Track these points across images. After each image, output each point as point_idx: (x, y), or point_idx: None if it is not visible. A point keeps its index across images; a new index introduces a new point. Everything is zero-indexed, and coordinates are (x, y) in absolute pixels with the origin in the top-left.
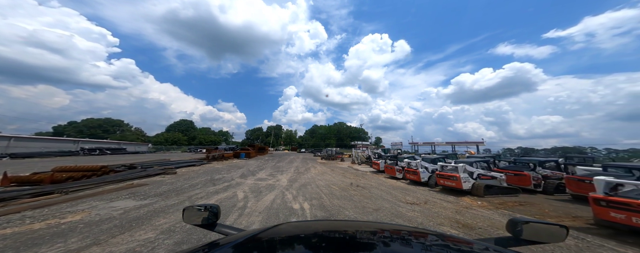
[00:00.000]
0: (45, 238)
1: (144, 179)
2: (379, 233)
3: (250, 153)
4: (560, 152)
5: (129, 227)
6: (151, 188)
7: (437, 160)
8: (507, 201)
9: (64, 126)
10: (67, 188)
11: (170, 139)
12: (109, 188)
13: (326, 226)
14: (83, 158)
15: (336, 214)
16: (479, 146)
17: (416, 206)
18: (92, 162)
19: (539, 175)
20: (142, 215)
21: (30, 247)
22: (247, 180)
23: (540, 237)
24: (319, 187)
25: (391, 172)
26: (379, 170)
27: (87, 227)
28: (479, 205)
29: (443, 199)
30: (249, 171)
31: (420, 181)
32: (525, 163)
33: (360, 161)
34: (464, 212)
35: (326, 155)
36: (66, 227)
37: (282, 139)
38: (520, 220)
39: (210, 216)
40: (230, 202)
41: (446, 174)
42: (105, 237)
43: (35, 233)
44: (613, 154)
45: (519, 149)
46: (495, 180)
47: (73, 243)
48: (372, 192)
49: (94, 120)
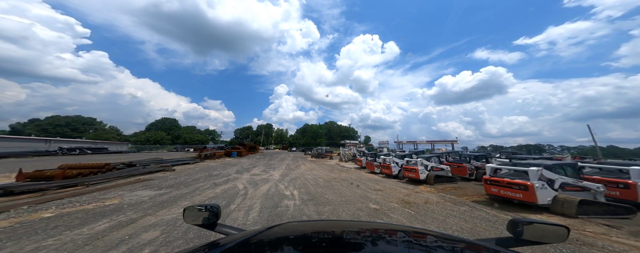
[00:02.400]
0: (106, 213)
1: (148, 175)
2: (379, 233)
3: (242, 152)
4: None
5: (163, 206)
6: (160, 182)
7: (404, 156)
8: (447, 187)
9: (24, 124)
10: (87, 181)
11: (152, 138)
12: (121, 182)
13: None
14: (63, 158)
15: (318, 197)
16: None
17: (380, 192)
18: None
19: (472, 167)
20: (167, 199)
21: (104, 216)
22: (243, 176)
23: (541, 237)
24: (306, 179)
25: (371, 167)
26: (362, 166)
27: (130, 207)
28: (427, 190)
29: (403, 187)
30: (243, 168)
31: (392, 174)
32: (465, 157)
33: (347, 159)
34: (412, 195)
35: (316, 153)
36: (113, 207)
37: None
38: (521, 220)
39: (211, 216)
40: (233, 191)
41: (409, 167)
42: (151, 211)
43: (94, 211)
44: (565, 151)
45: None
46: (443, 171)
47: (131, 214)
48: (350, 184)
49: (60, 118)
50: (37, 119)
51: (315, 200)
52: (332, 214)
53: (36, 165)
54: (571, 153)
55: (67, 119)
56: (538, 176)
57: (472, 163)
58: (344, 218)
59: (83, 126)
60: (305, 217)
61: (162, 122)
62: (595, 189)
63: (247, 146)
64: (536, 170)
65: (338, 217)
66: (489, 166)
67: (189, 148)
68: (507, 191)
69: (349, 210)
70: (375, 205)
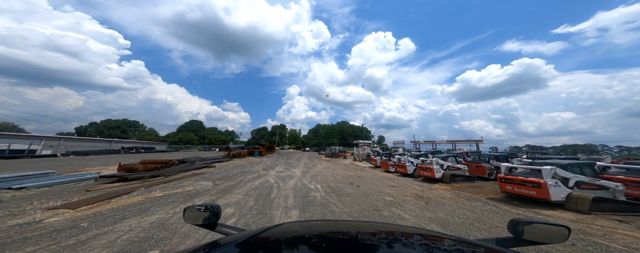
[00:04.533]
0: (193, 195)
1: (198, 170)
2: (379, 233)
3: (262, 151)
4: (570, 149)
5: (225, 192)
6: (210, 176)
7: (420, 156)
8: (464, 185)
9: (86, 127)
10: (164, 173)
11: (184, 139)
12: (183, 175)
13: (326, 226)
14: (126, 155)
15: (338, 190)
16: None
17: (395, 187)
18: (132, 159)
19: (492, 167)
20: (224, 188)
21: (194, 197)
22: (270, 172)
23: (542, 238)
24: (325, 176)
25: (386, 166)
26: (376, 165)
27: (204, 192)
28: (442, 188)
29: (418, 184)
30: (267, 166)
31: (407, 173)
32: (484, 157)
33: (361, 158)
34: (427, 191)
35: (330, 153)
36: (193, 192)
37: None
38: (522, 220)
39: (211, 216)
40: (268, 184)
41: (424, 166)
42: (220, 195)
43: (183, 194)
44: (625, 152)
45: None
46: (460, 170)
47: (208, 197)
48: (366, 180)
49: (112, 121)
50: (95, 122)
51: (337, 193)
52: (353, 203)
53: (118, 161)
54: (622, 155)
55: (117, 122)
56: (551, 174)
57: (491, 163)
58: (360, 207)
59: (129, 128)
60: (331, 205)
61: (190, 124)
62: (613, 188)
63: (265, 146)
64: (549, 169)
65: (358, 206)
66: (503, 165)
67: (214, 148)
68: (521, 188)
69: (366, 201)
70: (390, 198)
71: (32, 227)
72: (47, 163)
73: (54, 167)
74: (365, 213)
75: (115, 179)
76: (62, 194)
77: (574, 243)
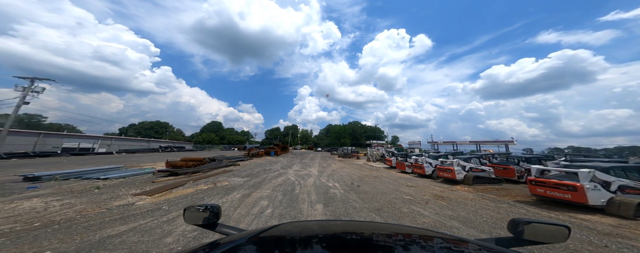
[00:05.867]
0: (230, 189)
1: (226, 168)
2: (379, 233)
3: (277, 151)
4: (626, 152)
5: (255, 187)
6: (238, 173)
7: (438, 157)
8: (489, 187)
9: (126, 128)
10: (202, 169)
11: (206, 139)
12: (216, 171)
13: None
14: (165, 153)
15: (356, 188)
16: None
17: (413, 187)
18: (172, 157)
19: (522, 169)
20: (253, 184)
21: (232, 190)
22: (289, 171)
23: (542, 237)
24: (341, 176)
25: (402, 167)
26: (392, 166)
27: (239, 186)
28: (465, 190)
29: (437, 185)
30: (285, 165)
31: (425, 174)
32: (513, 159)
33: (375, 159)
34: (447, 192)
35: (342, 153)
36: (229, 186)
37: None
38: (522, 220)
39: (211, 216)
40: (290, 181)
41: (444, 168)
42: (252, 190)
43: (223, 187)
44: None
45: (570, 149)
46: (485, 172)
47: (243, 191)
48: (382, 180)
49: (147, 123)
50: (134, 124)
51: (355, 190)
52: (372, 200)
53: (161, 158)
54: None
55: (151, 123)
56: (589, 178)
57: (521, 166)
58: (379, 204)
59: (161, 129)
60: (351, 201)
61: (211, 125)
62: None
63: (280, 146)
64: (587, 172)
65: (377, 203)
66: (533, 167)
67: (233, 147)
68: (554, 191)
69: (384, 199)
70: (409, 197)
71: (131, 207)
72: (110, 159)
73: (114, 162)
74: (385, 209)
75: (167, 173)
76: (136, 184)
77: (607, 245)
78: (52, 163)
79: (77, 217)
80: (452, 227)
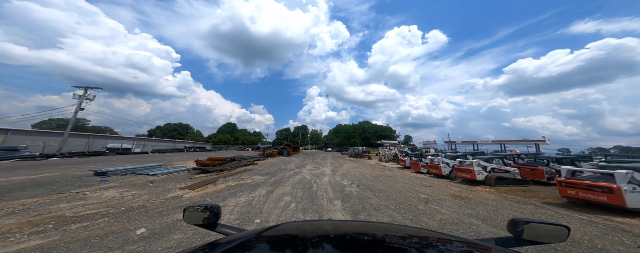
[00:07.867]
0: (255, 186)
1: (246, 167)
2: (379, 233)
3: (290, 151)
4: None
5: (276, 184)
6: (258, 171)
7: (456, 157)
8: (513, 189)
9: (154, 130)
10: (227, 168)
11: (223, 139)
12: (239, 170)
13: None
14: (190, 153)
15: (370, 187)
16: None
17: (429, 187)
18: (198, 156)
19: (552, 170)
20: (274, 181)
21: (257, 187)
22: (303, 170)
23: (541, 237)
24: (355, 175)
25: (416, 167)
26: (405, 166)
27: (262, 184)
28: (486, 190)
29: (455, 185)
30: (298, 164)
31: (441, 174)
32: (542, 160)
33: (387, 159)
34: (466, 192)
35: (353, 153)
36: (254, 183)
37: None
38: (521, 220)
39: (211, 216)
40: (306, 180)
41: (463, 168)
42: (274, 186)
43: (247, 184)
44: None
45: (617, 149)
46: (509, 173)
47: (267, 187)
48: (397, 180)
49: (171, 125)
50: (160, 126)
51: (370, 189)
52: (388, 198)
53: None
54: None
55: (175, 125)
56: (627, 179)
57: (551, 167)
58: (395, 202)
59: (183, 130)
60: (367, 198)
61: (226, 126)
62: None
63: (291, 146)
64: (624, 173)
65: (393, 201)
66: (563, 168)
67: (247, 148)
68: (587, 193)
69: (400, 197)
70: (425, 196)
71: (181, 199)
72: (148, 158)
73: (153, 161)
74: (402, 206)
75: (199, 171)
76: (177, 179)
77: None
78: (105, 161)
79: (146, 204)
80: (471, 224)
